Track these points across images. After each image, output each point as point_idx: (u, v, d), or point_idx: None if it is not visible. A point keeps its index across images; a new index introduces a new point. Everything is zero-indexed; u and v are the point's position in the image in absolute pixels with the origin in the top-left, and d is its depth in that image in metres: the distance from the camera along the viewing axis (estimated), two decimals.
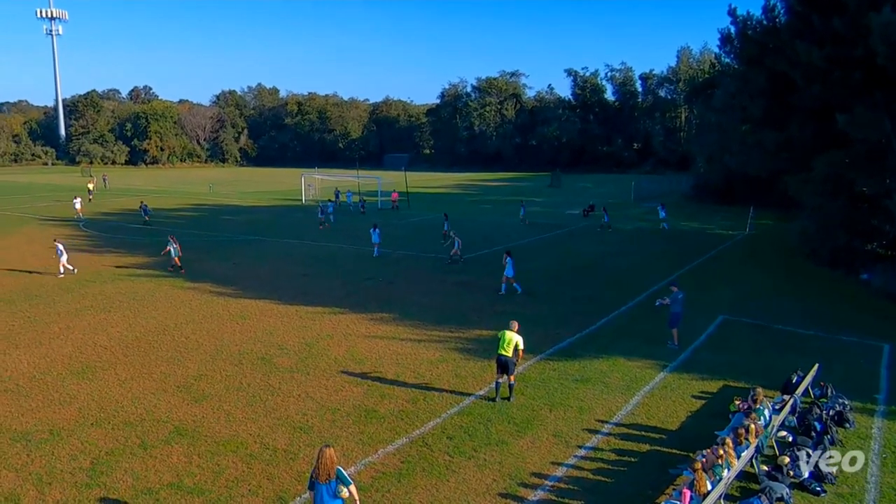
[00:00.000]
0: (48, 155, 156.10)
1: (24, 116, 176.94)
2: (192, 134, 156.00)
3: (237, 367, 18.47)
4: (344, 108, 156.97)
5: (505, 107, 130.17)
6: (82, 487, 12.18)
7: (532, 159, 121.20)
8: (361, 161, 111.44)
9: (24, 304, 25.33)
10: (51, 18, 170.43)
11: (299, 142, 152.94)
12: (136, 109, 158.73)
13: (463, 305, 25.19)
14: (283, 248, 38.55)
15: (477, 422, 14.94)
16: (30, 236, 43.33)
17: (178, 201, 67.62)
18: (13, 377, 17.64)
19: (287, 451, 13.57)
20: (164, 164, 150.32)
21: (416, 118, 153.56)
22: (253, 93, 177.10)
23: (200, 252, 37.03)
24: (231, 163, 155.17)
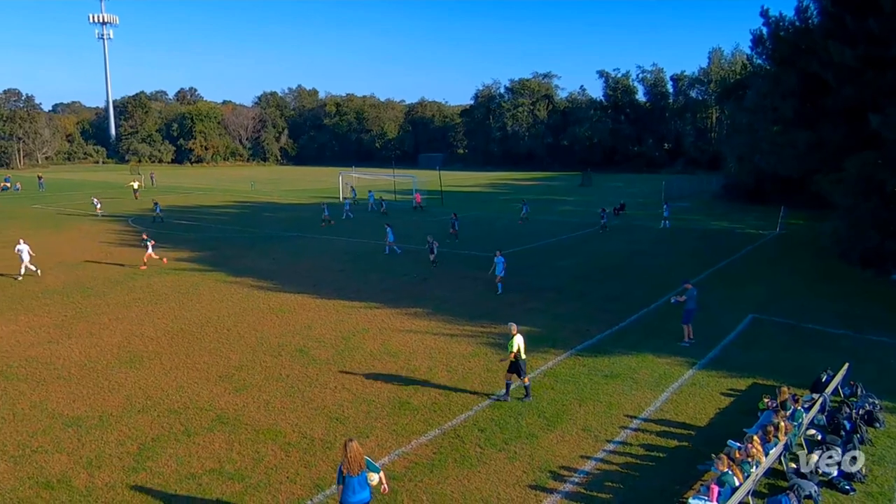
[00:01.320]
0: (99, 154, 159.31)
1: (77, 117, 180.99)
2: (235, 134, 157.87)
3: (276, 358, 18.69)
4: (381, 109, 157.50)
5: (537, 107, 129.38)
6: (129, 471, 12.44)
7: (563, 159, 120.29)
8: (397, 160, 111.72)
9: (77, 295, 25.91)
10: (102, 23, 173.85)
11: (337, 141, 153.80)
12: (182, 110, 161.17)
13: (494, 301, 25.14)
14: (321, 244, 38.85)
15: (508, 415, 14.92)
16: (82, 232, 44.28)
17: (222, 199, 68.51)
18: (66, 365, 18.08)
19: (324, 440, 13.69)
20: (209, 162, 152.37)
21: (450, 119, 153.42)
22: (293, 94, 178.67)
23: (242, 248, 37.51)
24: (272, 162, 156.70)
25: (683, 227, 46.02)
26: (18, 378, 17.11)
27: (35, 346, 19.62)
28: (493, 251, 28.02)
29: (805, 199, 46.54)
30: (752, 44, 41.92)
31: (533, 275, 29.98)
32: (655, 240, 40.60)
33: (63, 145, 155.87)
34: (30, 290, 26.72)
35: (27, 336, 20.66)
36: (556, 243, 39.01)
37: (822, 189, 33.95)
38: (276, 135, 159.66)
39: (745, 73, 78.25)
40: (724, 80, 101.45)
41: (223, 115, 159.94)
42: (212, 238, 41.43)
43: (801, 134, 32.35)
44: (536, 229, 44.26)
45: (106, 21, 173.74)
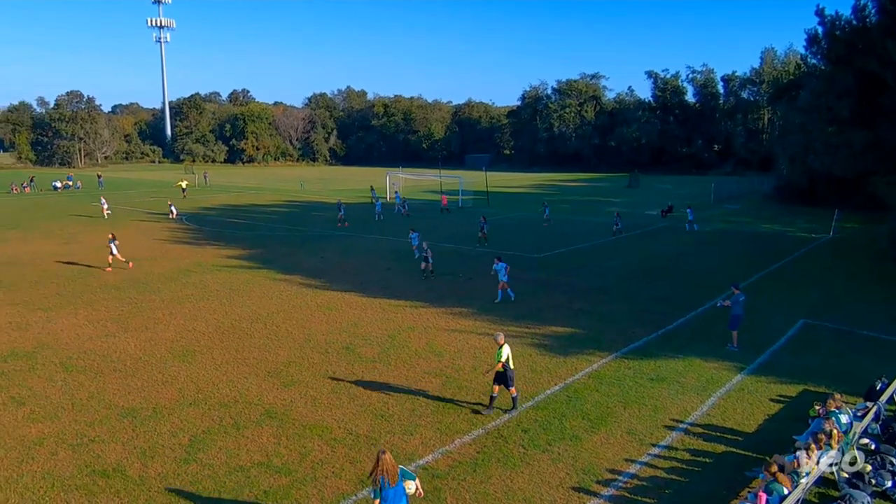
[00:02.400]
0: (155, 153, 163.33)
1: (134, 118, 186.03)
2: (286, 134, 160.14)
3: (324, 355, 18.90)
4: (428, 110, 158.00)
5: (584, 108, 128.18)
6: (181, 462, 12.72)
7: (611, 160, 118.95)
8: (444, 161, 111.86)
9: (133, 291, 26.61)
10: (160, 27, 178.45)
11: (385, 142, 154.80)
12: (234, 111, 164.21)
13: (539, 302, 25.01)
14: (368, 243, 39.15)
15: (551, 416, 14.82)
16: (138, 229, 45.46)
17: (272, 198, 69.59)
18: (122, 358, 18.58)
19: (369, 436, 13.79)
20: (260, 162, 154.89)
21: (497, 119, 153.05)
22: (342, 95, 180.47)
23: (292, 246, 38.04)
24: (321, 162, 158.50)
25: (733, 229, 45.08)
26: (78, 369, 17.66)
27: (93, 339, 20.22)
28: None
29: (860, 201, 45.17)
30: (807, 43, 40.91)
31: (579, 275, 29.73)
32: (703, 242, 39.86)
33: (121, 145, 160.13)
34: (89, 286, 27.54)
35: (86, 329, 21.30)
36: (602, 244, 38.61)
37: (878, 190, 32.92)
38: (326, 135, 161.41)
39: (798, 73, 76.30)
40: (777, 80, 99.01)
41: (274, 115, 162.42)
42: (262, 236, 42.11)
43: (857, 134, 31.44)
44: (583, 230, 43.87)
45: (163, 25, 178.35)
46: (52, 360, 18.42)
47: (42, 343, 19.86)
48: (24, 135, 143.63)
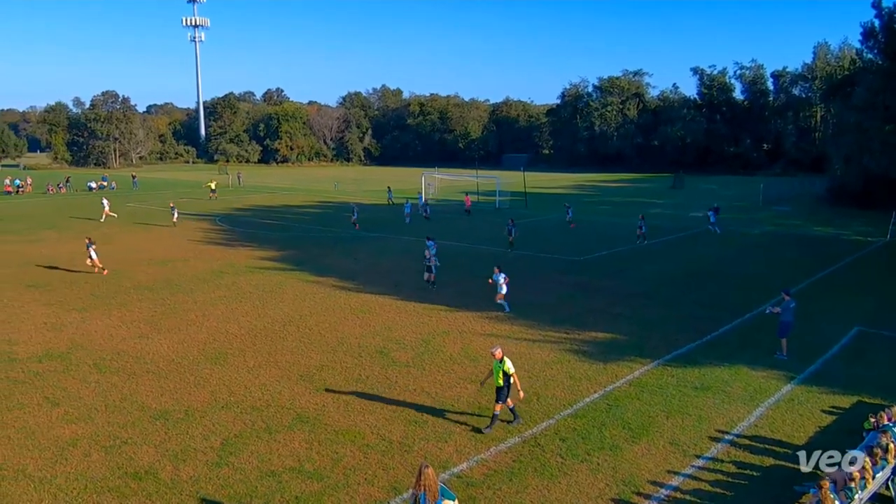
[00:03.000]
0: (189, 154, 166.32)
1: (169, 118, 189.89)
2: (320, 134, 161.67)
3: (357, 359, 19.02)
4: (464, 109, 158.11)
5: (627, 106, 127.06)
6: (213, 466, 12.91)
7: (654, 160, 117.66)
8: (480, 161, 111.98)
9: (166, 292, 27.10)
10: (194, 26, 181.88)
11: (420, 141, 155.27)
12: (268, 111, 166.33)
13: (579, 307, 24.84)
14: (403, 244, 39.30)
15: (590, 425, 14.70)
16: (171, 229, 46.28)
17: (306, 199, 70.30)
18: (154, 360, 18.93)
19: (402, 443, 13.83)
20: (294, 162, 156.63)
21: (535, 118, 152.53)
22: (377, 94, 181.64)
23: (325, 247, 38.37)
24: (355, 162, 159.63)
25: (782, 232, 44.26)
26: (111, 370, 18.04)
27: (126, 341, 20.64)
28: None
29: None
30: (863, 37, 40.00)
31: (620, 279, 29.47)
32: (751, 245, 39.20)
33: (156, 145, 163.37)
34: (122, 286, 28.12)
35: (120, 330, 21.75)
36: (644, 247, 38.22)
37: None
38: (360, 135, 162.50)
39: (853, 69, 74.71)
40: (831, 76, 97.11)
41: (308, 115, 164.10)
42: (295, 238, 42.56)
43: None
44: (624, 233, 43.45)
45: (197, 24, 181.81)
46: (85, 360, 18.85)
47: (76, 344, 20.34)
48: (60, 135, 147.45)
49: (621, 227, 46.31)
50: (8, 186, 78.78)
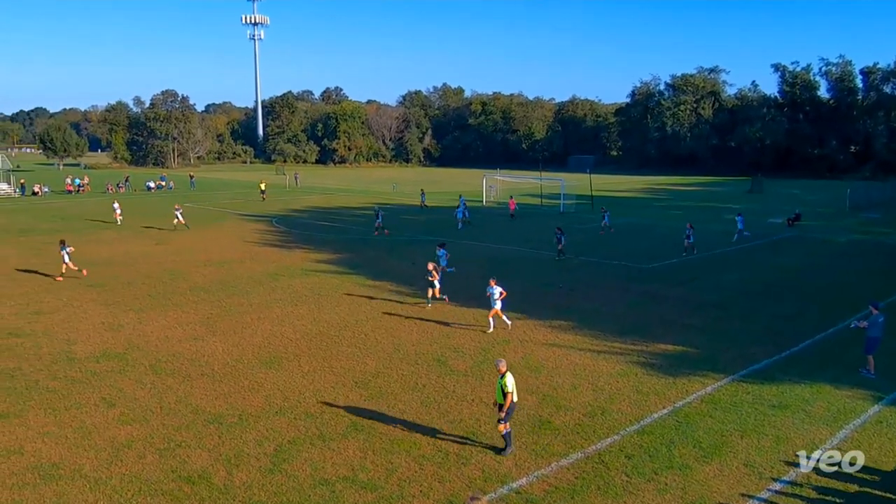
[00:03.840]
0: (247, 153, 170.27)
1: (227, 117, 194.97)
2: (379, 134, 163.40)
3: (413, 366, 19.13)
4: (528, 108, 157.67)
5: (701, 105, 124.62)
6: (266, 472, 13.16)
7: (730, 162, 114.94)
8: (545, 162, 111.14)
9: (222, 294, 27.79)
10: (254, 24, 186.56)
11: (482, 142, 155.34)
12: (326, 110, 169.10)
13: (647, 317, 24.47)
14: (462, 249, 39.33)
15: (658, 442, 14.44)
16: (228, 230, 47.46)
17: (363, 200, 71.12)
18: (210, 362, 19.44)
19: (459, 455, 13.85)
20: (351, 163, 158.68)
21: (603, 118, 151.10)
22: (438, 93, 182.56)
23: (382, 251, 38.74)
24: (414, 163, 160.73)
25: (871, 240, 42.71)
26: (166, 372, 18.59)
27: (182, 342, 21.23)
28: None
29: None
30: None
31: (692, 288, 28.92)
32: (837, 254, 37.96)
33: (214, 145, 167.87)
34: (179, 287, 28.95)
35: (175, 332, 22.39)
36: (719, 255, 37.39)
37: None
38: (420, 135, 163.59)
39: None
40: None
41: (367, 114, 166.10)
42: (352, 240, 43.09)
43: None
44: (697, 239, 42.61)
45: (257, 21, 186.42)
46: (142, 361, 19.47)
47: (132, 344, 21.03)
48: (120, 134, 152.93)
49: (695, 234, 45.35)
50: (69, 185, 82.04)
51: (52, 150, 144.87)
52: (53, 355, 20.03)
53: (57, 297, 27.26)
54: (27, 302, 26.42)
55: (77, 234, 44.75)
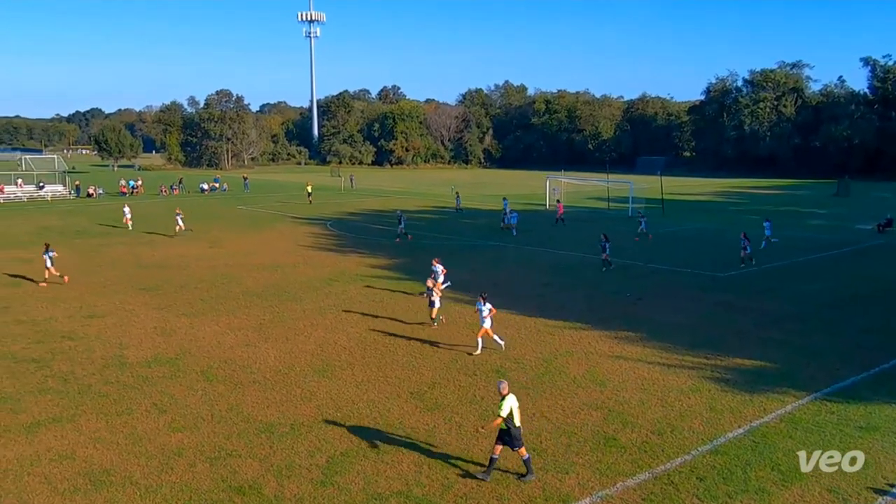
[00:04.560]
0: (301, 154, 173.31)
1: (282, 117, 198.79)
2: (437, 134, 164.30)
3: (471, 377, 19.12)
4: (595, 107, 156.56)
5: (783, 103, 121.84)
6: (317, 484, 13.30)
7: (814, 163, 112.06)
8: (612, 164, 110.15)
9: (275, 299, 28.26)
10: (310, 21, 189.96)
11: (546, 142, 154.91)
12: (384, 109, 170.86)
13: (722, 329, 23.97)
14: (524, 254, 39.24)
15: (733, 464, 14.10)
16: (281, 233, 48.31)
17: (420, 203, 71.53)
18: (262, 370, 19.78)
19: (518, 472, 13.75)
20: (409, 164, 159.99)
21: (675, 117, 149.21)
22: (500, 91, 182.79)
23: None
24: (474, 164, 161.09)
25: None
26: (217, 379, 18.99)
27: (234, 349, 21.66)
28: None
29: None
30: None
31: (770, 299, 28.22)
32: None
33: (268, 146, 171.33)
34: (231, 291, 29.56)
35: (227, 337, 22.86)
36: (802, 264, 36.41)
37: None
38: (480, 135, 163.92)
39: None
40: None
41: (425, 114, 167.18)
42: (408, 245, 43.32)
43: None
44: (777, 246, 41.60)
45: (313, 19, 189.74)
46: (193, 367, 19.93)
47: (184, 350, 21.54)
48: (174, 135, 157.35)
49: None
50: (123, 187, 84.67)
51: (107, 152, 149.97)
52: (106, 359, 20.67)
53: (110, 300, 28.13)
54: (80, 305, 27.34)
55: (130, 237, 46.19)
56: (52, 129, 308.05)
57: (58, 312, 26.20)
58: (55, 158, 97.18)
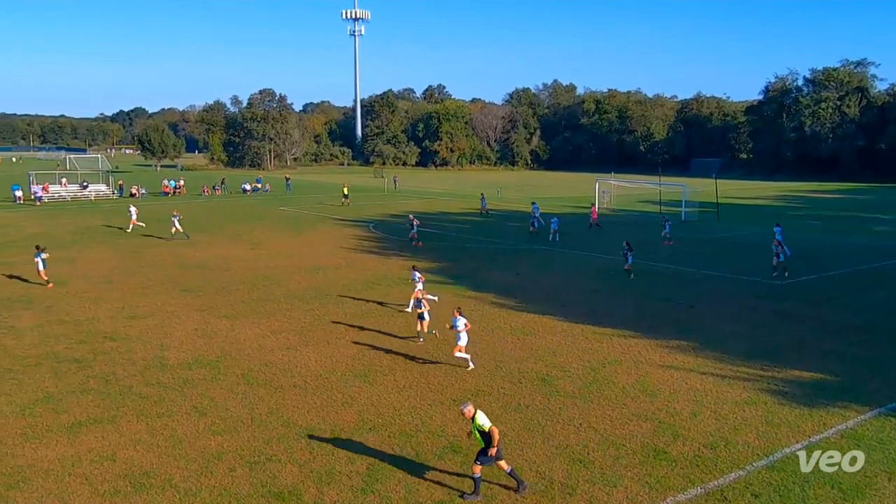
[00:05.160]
0: (344, 155, 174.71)
1: (325, 117, 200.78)
2: (483, 135, 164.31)
3: (516, 385, 19.06)
4: (647, 107, 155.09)
5: (846, 103, 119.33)
6: (357, 492, 13.38)
7: (879, 167, 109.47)
8: (665, 166, 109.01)
9: (316, 302, 28.52)
10: (354, 19, 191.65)
11: (595, 143, 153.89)
12: (428, 109, 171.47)
13: (779, 338, 23.54)
14: (571, 259, 39.02)
15: (790, 481, 13.82)
16: (323, 235, 48.72)
17: (465, 205, 71.59)
18: (302, 373, 19.97)
19: (564, 483, 13.68)
20: (453, 165, 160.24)
21: (732, 117, 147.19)
22: (548, 90, 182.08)
23: (484, 260, 38.84)
24: (521, 166, 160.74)
25: None
26: (258, 383, 19.22)
27: (275, 352, 21.91)
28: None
29: None
30: None
31: (832, 308, 27.66)
32: None
33: (311, 146, 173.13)
34: (273, 294, 29.91)
35: (268, 340, 23.13)
36: (865, 272, 35.62)
37: None
38: (527, 136, 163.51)
39: None
40: None
41: (471, 114, 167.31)
42: (452, 248, 43.44)
43: None
44: (839, 253, 40.77)
45: (358, 17, 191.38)
46: (234, 370, 20.21)
47: (225, 352, 21.86)
48: (217, 135, 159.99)
49: (836, 247, 43.45)
50: (165, 187, 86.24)
51: (150, 151, 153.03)
52: (147, 361, 21.07)
53: (151, 301, 28.67)
54: (122, 306, 27.92)
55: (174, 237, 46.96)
56: (97, 128, 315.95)
57: (100, 313, 26.79)
58: (99, 158, 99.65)
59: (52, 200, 75.00)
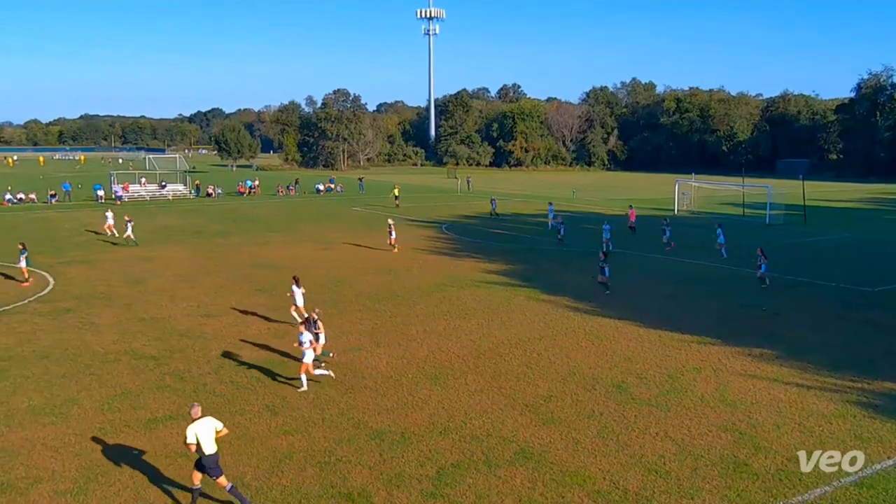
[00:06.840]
0: (417, 155, 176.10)
1: (398, 117, 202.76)
2: (558, 134, 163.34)
3: (590, 392, 18.88)
4: (730, 105, 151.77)
5: None
6: (427, 496, 13.45)
7: None
8: (749, 167, 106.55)
9: (388, 303, 28.79)
10: (429, 18, 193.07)
11: (675, 143, 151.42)
12: (503, 109, 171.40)
13: (870, 349, 22.71)
14: (648, 263, 38.44)
15: (882, 499, 13.32)
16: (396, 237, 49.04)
17: (538, 207, 71.09)
18: (373, 375, 20.19)
19: (639, 494, 13.48)
20: (528, 166, 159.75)
21: (821, 116, 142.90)
22: (626, 89, 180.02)
23: (558, 262, 38.60)
24: (597, 166, 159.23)
25: None
26: (329, 383, 19.50)
27: (345, 353, 22.17)
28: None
29: None
30: None
31: None
32: None
33: (384, 146, 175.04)
34: (343, 295, 30.32)
35: (339, 341, 23.41)
36: None
37: None
38: (605, 136, 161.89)
39: None
40: None
41: (546, 113, 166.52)
42: (525, 250, 43.28)
43: None
44: None
45: (432, 16, 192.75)
46: None
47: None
48: (291, 135, 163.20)
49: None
50: (241, 187, 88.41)
51: (227, 152, 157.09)
52: (221, 359, 21.62)
53: (226, 299, 29.40)
54: (198, 304, 28.72)
55: (244, 237, 48.14)
56: (175, 129, 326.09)
57: (177, 311, 27.60)
58: (177, 158, 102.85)
59: (132, 200, 77.62)
